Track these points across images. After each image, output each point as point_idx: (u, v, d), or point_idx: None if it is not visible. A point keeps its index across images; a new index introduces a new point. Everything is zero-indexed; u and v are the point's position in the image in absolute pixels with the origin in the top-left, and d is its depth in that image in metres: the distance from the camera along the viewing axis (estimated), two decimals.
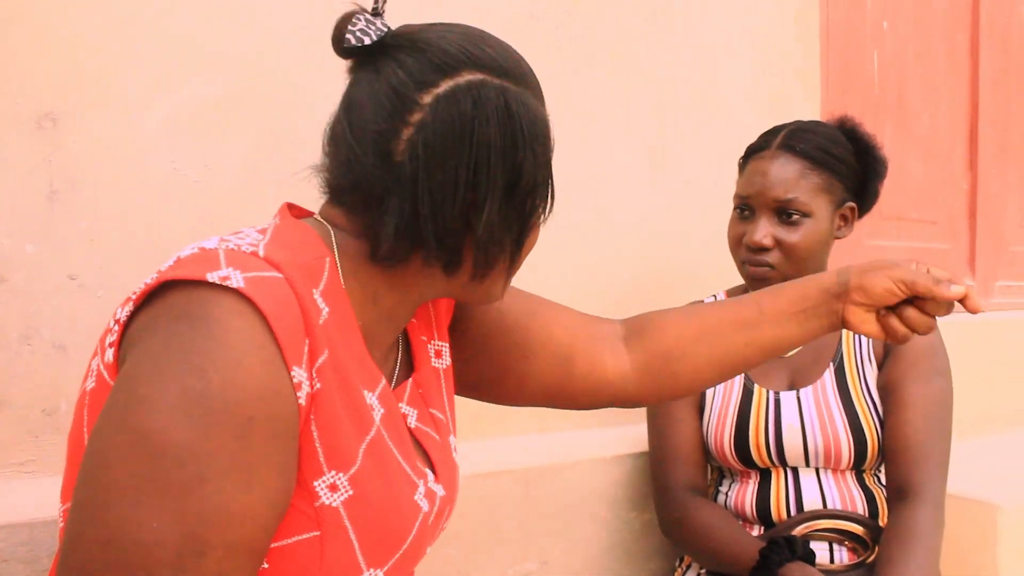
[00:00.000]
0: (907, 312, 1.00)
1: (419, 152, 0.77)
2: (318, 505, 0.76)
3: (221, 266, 0.71)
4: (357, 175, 0.81)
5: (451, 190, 0.78)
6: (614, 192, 1.86)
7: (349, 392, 0.79)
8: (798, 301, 1.04)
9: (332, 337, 0.77)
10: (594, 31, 1.81)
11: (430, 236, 0.79)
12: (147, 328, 0.71)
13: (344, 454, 0.77)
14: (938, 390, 1.43)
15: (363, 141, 0.80)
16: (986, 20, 2.88)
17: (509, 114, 0.80)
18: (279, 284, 0.72)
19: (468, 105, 0.78)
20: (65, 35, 1.23)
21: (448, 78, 0.79)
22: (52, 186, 1.23)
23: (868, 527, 1.43)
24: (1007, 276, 2.97)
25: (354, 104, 0.82)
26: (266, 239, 0.78)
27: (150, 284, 0.72)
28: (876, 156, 1.50)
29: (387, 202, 0.79)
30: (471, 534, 1.50)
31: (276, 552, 0.75)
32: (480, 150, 0.78)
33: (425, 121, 0.78)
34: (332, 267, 0.81)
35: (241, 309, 0.69)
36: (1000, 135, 2.93)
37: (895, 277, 0.99)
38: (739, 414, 1.49)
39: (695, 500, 1.49)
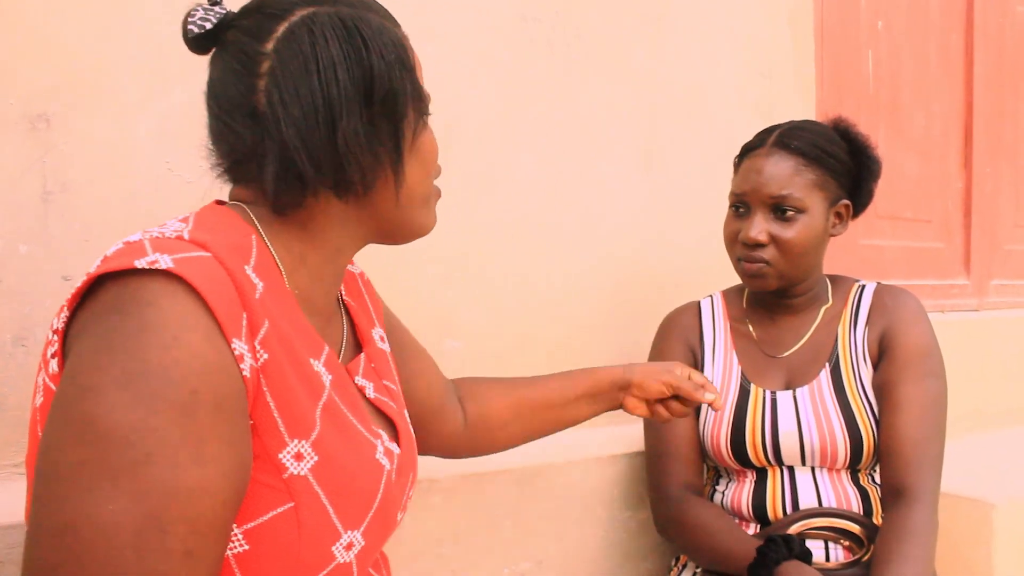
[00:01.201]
0: (671, 403, 1.29)
1: (274, 94, 0.81)
2: (287, 476, 0.76)
3: (148, 252, 0.71)
4: (231, 141, 0.84)
5: (312, 115, 0.80)
6: (607, 194, 1.86)
7: (296, 360, 0.80)
8: (592, 388, 1.30)
9: (271, 309, 0.78)
10: (586, 33, 1.81)
11: (307, 165, 0.81)
12: (84, 326, 0.71)
13: (303, 421, 0.79)
14: (932, 391, 1.44)
15: (230, 108, 0.83)
16: (980, 20, 2.88)
17: (346, 29, 0.83)
18: (208, 262, 0.73)
19: (305, 35, 0.82)
20: (58, 36, 1.23)
21: (283, 22, 0.83)
22: (46, 187, 1.23)
23: (863, 525, 1.44)
24: (1001, 275, 2.97)
25: (213, 83, 0.86)
26: (189, 225, 0.79)
27: (80, 286, 0.73)
28: (870, 155, 1.51)
29: (263, 152, 0.82)
30: (467, 534, 1.50)
31: (255, 531, 0.76)
32: (327, 70, 0.81)
33: (273, 66, 0.82)
34: (259, 241, 0.83)
35: (172, 289, 0.70)
36: (994, 134, 2.94)
37: (666, 381, 1.27)
38: (736, 414, 1.50)
39: (691, 499, 1.49)
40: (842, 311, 1.54)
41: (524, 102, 1.73)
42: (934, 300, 2.67)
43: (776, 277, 1.47)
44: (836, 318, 1.54)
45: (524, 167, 1.74)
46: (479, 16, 1.66)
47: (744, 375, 1.53)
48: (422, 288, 1.61)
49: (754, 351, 1.56)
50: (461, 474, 1.50)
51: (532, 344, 1.76)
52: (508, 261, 1.72)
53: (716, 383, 1.54)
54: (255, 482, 0.75)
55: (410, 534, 1.45)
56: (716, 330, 1.60)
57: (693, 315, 1.63)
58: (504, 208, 1.71)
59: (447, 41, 1.61)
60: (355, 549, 0.83)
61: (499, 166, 1.70)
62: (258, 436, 0.75)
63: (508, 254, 1.72)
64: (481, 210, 1.67)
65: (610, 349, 1.88)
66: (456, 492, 1.50)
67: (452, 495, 1.49)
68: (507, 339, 1.72)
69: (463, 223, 1.65)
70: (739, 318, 1.61)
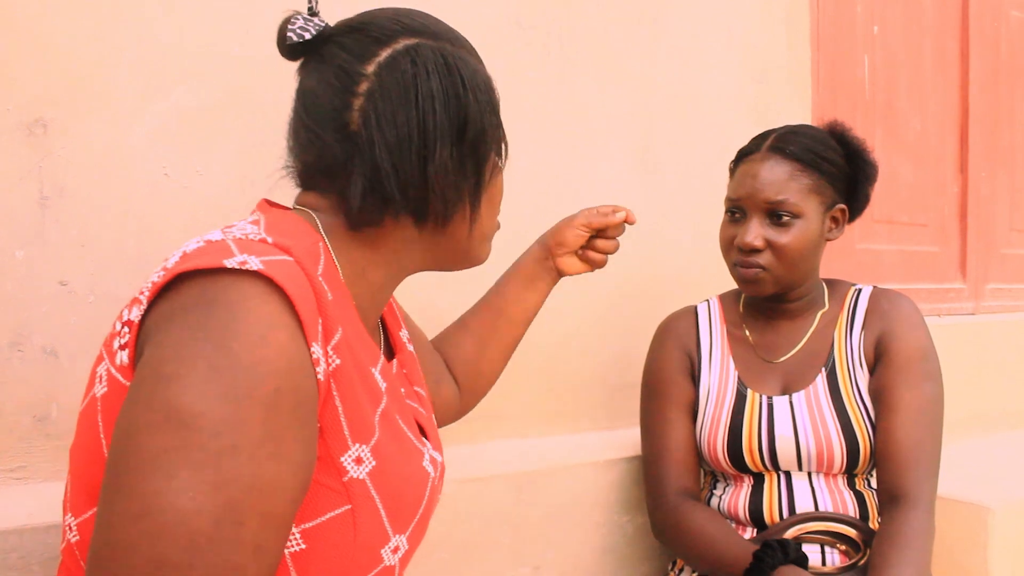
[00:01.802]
0: (596, 243, 1.33)
1: (371, 116, 0.83)
2: (347, 480, 0.78)
3: (235, 253, 0.72)
4: (319, 151, 0.86)
5: (406, 143, 0.83)
6: (603, 196, 1.86)
7: (360, 367, 0.83)
8: (524, 277, 1.34)
9: (341, 316, 0.81)
10: (581, 37, 1.82)
11: (394, 190, 0.84)
12: (166, 318, 0.71)
13: (365, 426, 0.81)
14: (929, 395, 1.44)
15: (320, 121, 0.86)
16: (976, 24, 2.89)
17: (447, 66, 0.86)
18: (292, 266, 0.75)
19: (408, 65, 0.85)
20: (55, 42, 1.23)
21: (387, 47, 0.86)
22: (43, 192, 1.23)
23: (860, 529, 1.44)
24: (998, 279, 2.98)
25: (306, 92, 0.88)
26: (261, 227, 0.81)
27: (160, 280, 0.73)
28: (866, 159, 1.51)
29: (350, 168, 0.84)
30: (464, 539, 1.50)
31: (313, 531, 0.77)
32: (425, 102, 0.84)
33: (372, 88, 0.84)
34: (326, 250, 0.85)
35: (259, 291, 0.71)
36: (990, 138, 2.95)
37: (577, 223, 1.31)
38: (732, 419, 1.50)
39: (688, 504, 1.49)
40: (838, 315, 1.54)
41: (519, 107, 1.73)
42: (930, 304, 2.67)
43: (772, 282, 1.47)
44: (832, 322, 1.54)
45: (520, 170, 1.74)
46: (474, 21, 1.66)
47: (741, 380, 1.53)
48: (419, 291, 1.61)
49: (751, 356, 1.56)
50: (458, 479, 1.50)
51: (528, 348, 1.75)
52: (504, 265, 1.72)
53: (713, 388, 1.55)
54: (316, 483, 0.77)
55: None
56: (713, 335, 1.60)
57: (690, 320, 1.63)
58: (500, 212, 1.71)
59: None
60: (400, 552, 0.85)
61: None
62: (323, 439, 0.77)
63: (504, 258, 1.72)
64: None
65: (606, 352, 1.88)
66: (453, 497, 1.50)
67: (449, 500, 1.49)
68: None
69: None
70: (736, 323, 1.61)
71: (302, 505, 0.76)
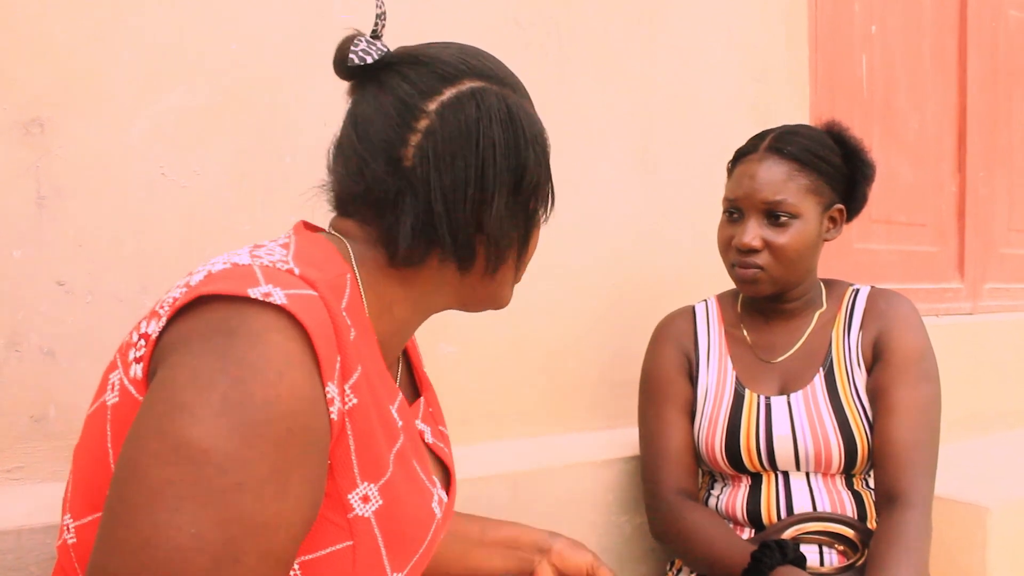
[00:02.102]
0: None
1: (429, 155, 0.82)
2: (351, 516, 0.78)
3: (261, 283, 0.71)
4: (368, 182, 0.84)
5: (462, 188, 0.82)
6: (602, 196, 1.86)
7: (379, 405, 0.82)
8: (511, 541, 1.22)
9: (361, 353, 0.79)
10: (579, 37, 1.82)
11: (445, 234, 0.83)
12: (183, 340, 0.71)
13: (377, 464, 0.80)
14: (926, 395, 1.44)
15: (373, 150, 0.84)
16: (974, 23, 2.89)
17: (511, 116, 0.85)
18: (315, 302, 0.73)
19: (472, 109, 0.83)
20: (53, 41, 1.23)
21: (451, 86, 0.84)
22: (40, 192, 1.23)
23: (858, 530, 1.44)
24: (996, 278, 2.98)
25: (361, 118, 0.86)
26: (292, 255, 0.79)
27: (183, 298, 0.72)
28: (864, 159, 1.51)
29: (401, 205, 0.83)
30: None
31: (311, 563, 0.77)
32: (486, 149, 0.83)
33: (433, 126, 0.82)
34: (353, 282, 0.84)
35: (281, 325, 0.70)
36: (988, 138, 2.95)
37: (590, 562, 1.20)
38: (730, 419, 1.50)
39: (686, 504, 1.49)
40: (836, 315, 1.54)
41: None
42: (928, 304, 2.67)
43: (770, 282, 1.47)
44: (830, 322, 1.54)
45: None
46: (472, 20, 1.66)
47: (739, 380, 1.53)
48: None
49: (749, 356, 1.56)
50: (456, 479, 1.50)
51: (527, 349, 1.76)
52: None
53: (711, 388, 1.55)
54: (320, 518, 0.76)
55: None
56: (711, 335, 1.60)
57: (688, 320, 1.63)
58: None
59: None
60: None
61: None
62: (332, 476, 0.76)
63: None
64: None
65: (605, 353, 1.88)
66: None
67: None
68: (502, 344, 1.72)
69: None
70: (734, 323, 1.61)
71: (305, 539, 0.75)
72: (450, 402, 1.65)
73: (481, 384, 1.70)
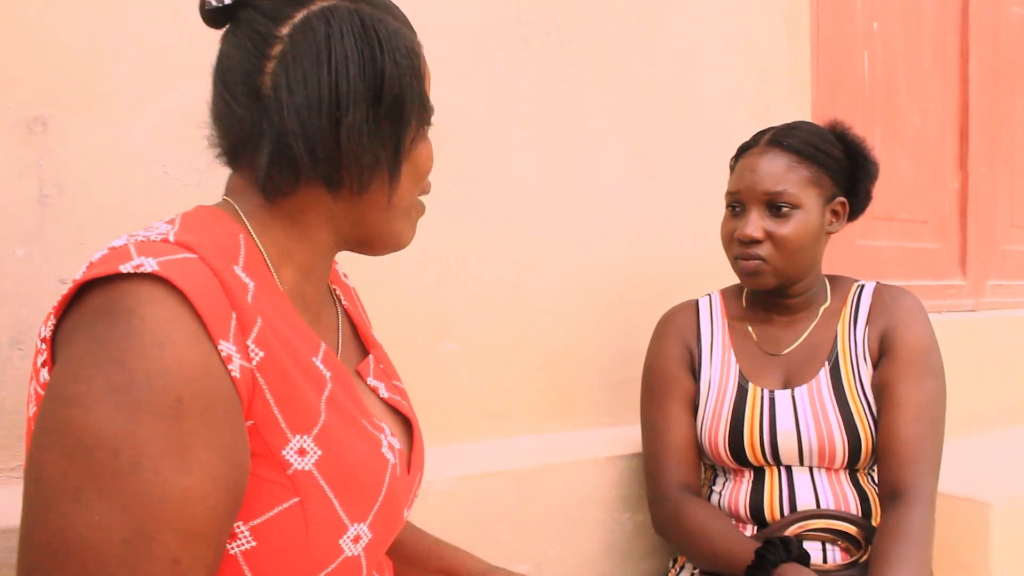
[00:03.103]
0: None
1: (281, 79, 0.80)
2: (291, 472, 0.77)
3: (133, 256, 0.71)
4: (231, 121, 0.84)
5: (316, 104, 0.80)
6: (603, 195, 1.86)
7: (296, 356, 0.80)
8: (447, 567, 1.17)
9: (263, 308, 0.78)
10: (580, 35, 1.82)
11: (302, 152, 0.80)
12: (70, 334, 0.71)
13: (306, 415, 0.79)
14: (931, 391, 1.44)
15: (232, 88, 0.83)
16: (975, 20, 2.89)
17: (364, 28, 0.83)
18: (194, 263, 0.73)
19: (322, 25, 0.81)
20: (55, 40, 1.23)
21: (302, 8, 0.83)
22: (42, 190, 1.23)
23: (861, 527, 1.44)
24: (998, 275, 2.98)
25: (222, 58, 0.86)
26: (175, 227, 0.78)
27: (66, 293, 0.72)
28: (867, 157, 1.51)
29: (259, 135, 0.82)
30: (464, 536, 1.50)
31: (261, 527, 0.76)
32: (338, 64, 0.81)
33: (284, 50, 0.81)
34: (248, 240, 0.83)
35: (156, 294, 0.69)
36: (990, 134, 2.95)
37: None
38: (734, 413, 1.50)
39: (689, 499, 1.49)
40: (841, 310, 1.54)
41: (519, 105, 1.73)
42: (931, 300, 2.67)
43: (773, 274, 1.47)
44: (835, 317, 1.54)
45: (519, 169, 1.74)
46: (473, 19, 1.66)
47: (742, 374, 1.53)
48: (418, 291, 1.61)
49: (752, 350, 1.56)
50: (458, 476, 1.50)
51: (529, 346, 1.76)
52: (504, 263, 1.72)
53: (714, 381, 1.55)
54: (260, 479, 0.76)
55: None
56: (714, 329, 1.60)
57: (691, 313, 1.63)
58: (500, 211, 1.71)
59: (441, 44, 1.61)
60: (363, 542, 0.83)
61: (494, 169, 1.70)
62: (259, 434, 0.75)
63: (504, 256, 1.72)
64: (477, 213, 1.67)
65: (607, 351, 1.88)
66: (453, 494, 1.50)
67: (449, 497, 1.49)
68: (504, 342, 1.72)
69: (459, 226, 1.65)
70: (738, 317, 1.61)
71: (248, 503, 0.75)
72: (452, 400, 1.65)
73: (483, 382, 1.70)
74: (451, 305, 1.64)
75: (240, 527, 0.75)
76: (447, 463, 1.53)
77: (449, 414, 1.65)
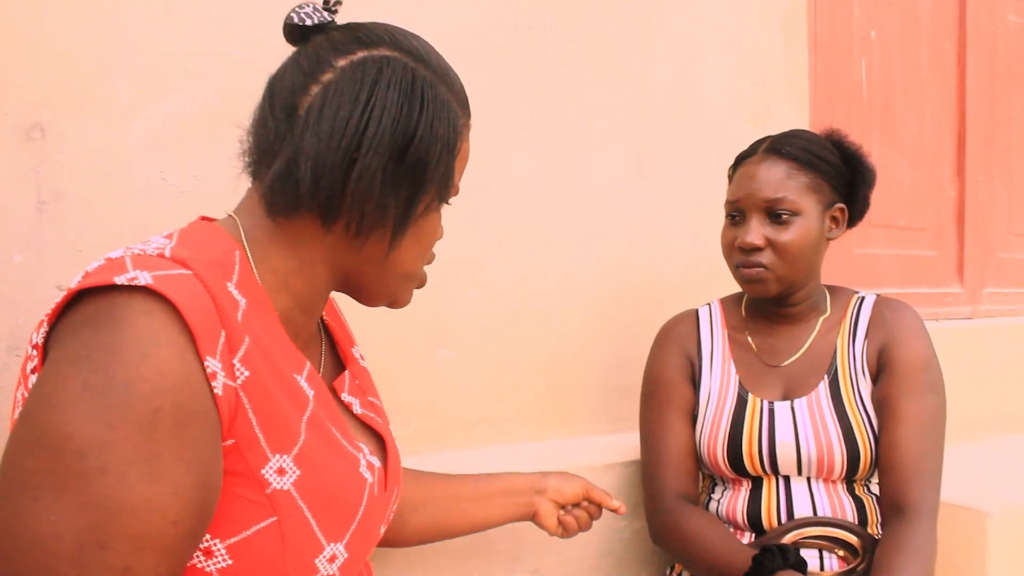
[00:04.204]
0: (577, 512, 1.32)
1: (317, 104, 0.82)
2: (269, 492, 0.77)
3: (128, 269, 0.71)
4: (263, 132, 0.85)
5: (338, 137, 0.81)
6: (600, 199, 1.86)
7: (279, 375, 0.80)
8: (507, 490, 1.29)
9: (252, 326, 0.78)
10: (578, 39, 1.82)
11: (307, 175, 0.81)
12: (59, 339, 0.71)
13: (287, 434, 0.79)
14: (932, 406, 1.44)
15: (275, 100, 0.85)
16: (972, 27, 2.89)
17: (412, 85, 0.84)
18: (187, 279, 0.73)
19: (374, 69, 0.83)
20: (53, 46, 1.23)
21: (366, 50, 0.85)
22: (40, 196, 1.22)
23: (858, 535, 1.44)
24: (995, 283, 2.98)
25: (279, 71, 0.87)
26: (172, 242, 0.79)
27: (60, 301, 0.73)
28: (863, 163, 1.51)
29: (279, 149, 0.83)
30: (462, 543, 1.50)
31: (238, 546, 0.76)
32: (374, 109, 0.82)
33: (331, 80, 0.83)
34: (243, 260, 0.83)
35: (148, 307, 0.69)
36: (987, 142, 2.95)
37: (582, 485, 1.32)
38: (733, 423, 1.50)
39: (686, 507, 1.49)
40: (841, 322, 1.55)
41: (517, 109, 1.73)
42: (928, 308, 2.67)
43: (775, 281, 1.47)
44: (834, 328, 1.54)
45: (517, 174, 1.74)
46: (472, 23, 1.66)
47: (742, 384, 1.53)
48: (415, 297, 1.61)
49: (752, 360, 1.56)
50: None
51: (526, 353, 1.76)
52: (501, 269, 1.72)
53: (714, 392, 1.55)
54: (238, 497, 0.75)
55: None
56: (714, 339, 1.60)
57: (691, 323, 1.63)
58: (497, 216, 1.71)
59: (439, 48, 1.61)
60: (338, 562, 0.83)
61: (492, 173, 1.70)
62: (240, 453, 0.75)
63: (501, 262, 1.72)
64: (474, 218, 1.67)
65: (604, 357, 1.88)
66: None
67: None
68: (501, 348, 1.72)
69: (456, 231, 1.65)
70: (737, 327, 1.61)
71: (225, 521, 0.75)
72: (449, 407, 1.65)
73: (481, 389, 1.70)
74: (448, 311, 1.64)
75: (216, 545, 0.75)
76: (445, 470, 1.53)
77: (446, 421, 1.65)
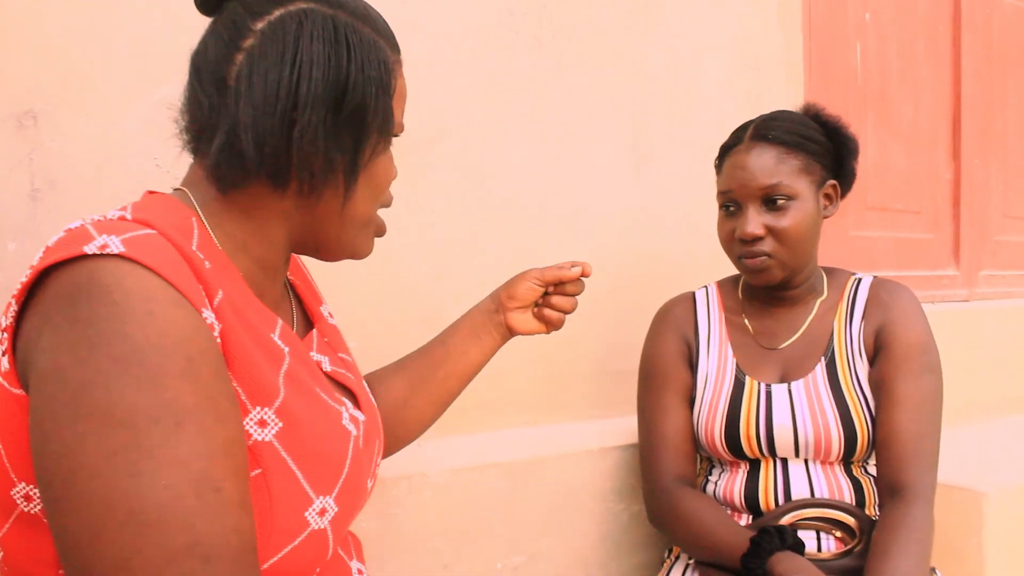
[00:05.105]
0: (552, 300, 1.23)
1: (244, 72, 0.81)
2: (251, 443, 0.77)
3: (94, 236, 0.70)
4: (195, 109, 0.84)
5: (272, 101, 0.80)
6: (596, 186, 1.86)
7: (252, 330, 0.80)
8: (470, 328, 1.23)
9: (223, 283, 0.79)
10: (573, 27, 1.81)
11: (249, 145, 0.80)
12: (46, 321, 0.69)
13: (265, 387, 0.79)
14: (929, 387, 1.44)
15: (203, 76, 0.84)
16: (967, 11, 2.89)
17: (335, 33, 0.83)
18: (156, 238, 0.73)
19: (293, 25, 0.82)
20: (45, 33, 1.22)
21: (282, 7, 0.83)
22: (33, 184, 1.22)
23: (856, 516, 1.44)
24: (991, 265, 2.98)
25: (200, 45, 0.86)
26: (128, 211, 0.78)
27: (26, 281, 0.71)
28: (845, 135, 1.51)
29: (216, 123, 0.82)
30: (459, 528, 1.50)
31: None
32: (303, 65, 0.81)
33: (253, 44, 0.82)
34: (200, 224, 0.83)
35: (128, 269, 0.68)
36: (983, 125, 2.95)
37: (530, 277, 1.22)
38: (730, 406, 1.50)
39: (684, 490, 1.49)
40: (838, 304, 1.55)
41: (511, 97, 1.73)
42: (924, 291, 2.68)
43: (779, 268, 1.47)
44: (831, 311, 1.54)
45: (512, 162, 1.74)
46: (465, 11, 1.66)
47: (739, 367, 1.54)
48: (412, 285, 1.61)
49: (749, 343, 1.56)
50: (452, 468, 1.50)
51: (522, 338, 1.76)
52: (498, 256, 1.72)
53: (711, 375, 1.55)
54: None
55: (402, 528, 1.45)
56: (711, 321, 1.60)
57: (688, 306, 1.63)
58: (493, 204, 1.71)
59: (433, 36, 1.61)
60: (328, 515, 0.83)
61: (487, 161, 1.70)
62: None
63: (498, 249, 1.72)
64: (470, 206, 1.67)
65: (601, 341, 1.88)
66: (448, 486, 1.50)
67: (443, 489, 1.49)
68: None
69: (452, 219, 1.65)
70: (734, 310, 1.61)
71: None
72: None
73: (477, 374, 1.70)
74: (444, 299, 1.64)
75: None
76: (441, 455, 1.53)
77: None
